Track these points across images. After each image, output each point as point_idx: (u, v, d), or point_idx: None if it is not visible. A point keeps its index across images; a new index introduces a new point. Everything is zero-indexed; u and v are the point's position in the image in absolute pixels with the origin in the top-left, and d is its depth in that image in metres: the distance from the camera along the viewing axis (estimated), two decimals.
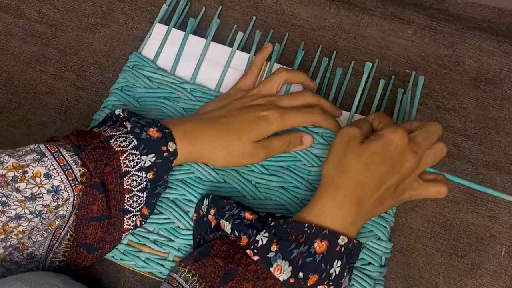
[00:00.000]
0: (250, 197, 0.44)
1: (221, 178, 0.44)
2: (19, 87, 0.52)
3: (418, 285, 0.46)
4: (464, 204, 0.49)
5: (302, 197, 0.44)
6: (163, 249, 0.42)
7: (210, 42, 0.50)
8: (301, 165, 0.45)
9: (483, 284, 0.46)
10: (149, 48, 0.49)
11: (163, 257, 0.42)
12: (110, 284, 0.45)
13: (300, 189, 0.44)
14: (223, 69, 0.48)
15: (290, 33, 0.55)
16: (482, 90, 0.53)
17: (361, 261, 0.42)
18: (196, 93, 0.47)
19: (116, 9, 0.55)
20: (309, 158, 0.45)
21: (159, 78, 0.47)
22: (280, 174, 0.44)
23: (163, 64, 0.49)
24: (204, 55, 0.49)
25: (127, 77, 0.47)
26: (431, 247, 0.47)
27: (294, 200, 0.43)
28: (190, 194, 0.43)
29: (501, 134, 0.51)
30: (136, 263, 0.42)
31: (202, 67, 0.49)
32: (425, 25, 0.55)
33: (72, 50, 0.53)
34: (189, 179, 0.44)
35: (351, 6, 0.56)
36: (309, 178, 0.44)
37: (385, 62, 0.54)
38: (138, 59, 0.48)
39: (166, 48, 0.49)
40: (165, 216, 0.43)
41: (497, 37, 0.55)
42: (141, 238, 0.42)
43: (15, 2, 0.55)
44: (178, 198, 0.43)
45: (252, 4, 0.56)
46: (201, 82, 0.48)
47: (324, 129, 0.46)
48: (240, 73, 0.48)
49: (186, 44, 0.49)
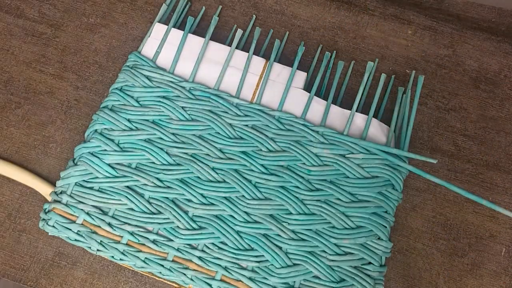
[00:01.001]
0: (249, 197, 0.43)
1: (220, 177, 0.44)
2: (19, 87, 0.52)
3: (418, 285, 0.46)
4: (464, 204, 0.48)
5: (302, 197, 0.43)
6: (163, 249, 0.42)
7: (209, 41, 0.49)
8: (301, 164, 0.45)
9: (483, 284, 0.46)
10: (148, 48, 0.49)
11: (162, 257, 0.42)
12: (110, 284, 0.45)
13: (300, 189, 0.44)
14: (222, 67, 0.48)
15: (290, 33, 0.55)
16: (482, 90, 0.53)
17: (361, 261, 0.42)
18: (195, 92, 0.47)
19: (116, 9, 0.55)
20: (309, 158, 0.44)
21: (158, 77, 0.47)
22: (280, 173, 0.44)
23: (162, 63, 0.48)
24: (203, 54, 0.49)
25: (126, 77, 0.47)
26: (431, 247, 0.47)
27: (294, 200, 0.43)
28: (189, 194, 0.43)
29: (501, 134, 0.51)
30: (136, 263, 0.42)
31: (201, 66, 0.48)
32: (425, 25, 0.55)
33: (72, 50, 0.53)
34: (188, 179, 0.44)
35: (351, 6, 0.56)
36: (309, 177, 0.44)
37: (385, 62, 0.54)
38: (137, 58, 0.48)
39: (165, 48, 0.49)
40: (164, 216, 0.42)
41: (497, 37, 0.55)
42: (140, 238, 0.42)
43: (15, 2, 0.55)
44: (178, 198, 0.43)
45: (252, 4, 0.56)
46: (200, 81, 0.48)
47: (324, 128, 0.45)
48: (239, 72, 0.48)
49: (185, 43, 0.49)
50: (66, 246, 0.46)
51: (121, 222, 0.42)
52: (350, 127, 0.46)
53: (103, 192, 0.43)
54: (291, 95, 0.48)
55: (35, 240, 0.46)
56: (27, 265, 0.46)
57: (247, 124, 0.46)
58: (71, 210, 0.42)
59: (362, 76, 0.53)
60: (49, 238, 0.47)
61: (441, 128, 0.51)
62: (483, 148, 0.51)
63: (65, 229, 0.42)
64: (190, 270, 0.41)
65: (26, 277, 0.45)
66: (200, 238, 0.42)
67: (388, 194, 0.44)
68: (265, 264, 0.42)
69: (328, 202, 0.43)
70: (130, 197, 0.43)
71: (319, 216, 0.43)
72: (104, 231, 0.42)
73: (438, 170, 0.50)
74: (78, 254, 0.46)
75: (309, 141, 0.45)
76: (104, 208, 0.43)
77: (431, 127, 0.51)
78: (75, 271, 0.46)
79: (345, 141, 0.45)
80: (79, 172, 0.43)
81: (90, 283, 0.45)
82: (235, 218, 0.43)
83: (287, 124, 0.46)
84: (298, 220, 0.43)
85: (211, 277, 0.41)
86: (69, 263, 0.46)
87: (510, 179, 0.49)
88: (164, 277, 0.42)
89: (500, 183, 0.49)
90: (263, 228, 0.42)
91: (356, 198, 0.43)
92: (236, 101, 0.47)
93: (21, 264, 0.46)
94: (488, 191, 0.49)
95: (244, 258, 0.42)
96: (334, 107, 0.48)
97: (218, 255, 0.42)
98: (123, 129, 0.45)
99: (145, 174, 0.44)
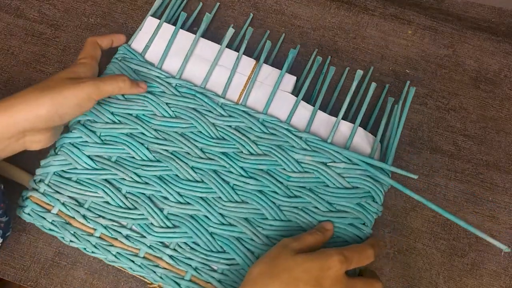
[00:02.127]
0: (226, 199, 0.43)
1: (199, 177, 0.43)
2: (19, 87, 0.51)
3: (418, 285, 0.46)
4: (464, 204, 0.48)
5: (279, 202, 0.43)
6: (135, 245, 0.42)
7: (200, 39, 0.49)
8: (281, 170, 0.44)
9: (483, 284, 0.46)
10: (138, 41, 0.49)
11: (134, 253, 0.42)
12: (110, 284, 0.45)
13: (278, 194, 0.43)
14: (211, 66, 0.48)
15: (290, 33, 0.55)
16: (482, 90, 0.53)
17: None
18: (181, 89, 0.46)
19: (116, 9, 0.55)
20: (290, 164, 0.44)
21: (145, 71, 0.47)
22: (259, 177, 0.43)
23: (151, 58, 0.48)
24: (192, 50, 0.48)
25: (113, 69, 0.47)
26: (431, 247, 0.47)
27: (271, 205, 0.43)
28: (166, 191, 0.43)
29: (501, 134, 0.51)
30: (107, 257, 0.42)
31: (190, 63, 0.48)
32: (425, 25, 0.55)
33: (72, 50, 0.53)
34: (166, 176, 0.44)
35: (351, 6, 0.56)
36: (288, 183, 0.43)
37: (385, 62, 0.53)
38: (126, 51, 0.48)
39: (155, 42, 0.49)
40: (139, 212, 0.42)
41: (497, 37, 0.54)
42: (113, 232, 0.42)
43: (15, 2, 0.55)
44: (154, 194, 0.43)
45: (252, 3, 0.56)
46: (187, 78, 0.47)
47: (308, 134, 0.45)
48: (227, 71, 0.48)
49: (176, 39, 0.49)
50: (66, 246, 0.46)
51: (96, 215, 0.42)
52: (335, 134, 0.46)
53: (81, 183, 0.43)
54: (278, 98, 0.47)
55: (35, 240, 0.46)
56: (27, 265, 0.46)
57: (231, 125, 0.45)
58: (48, 199, 0.42)
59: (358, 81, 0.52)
60: (49, 238, 0.47)
61: (441, 128, 0.51)
62: (483, 148, 0.50)
63: (40, 218, 0.42)
64: (160, 268, 0.41)
65: (26, 277, 0.46)
66: (173, 236, 0.42)
67: (367, 206, 0.43)
68: (235, 267, 0.41)
69: (305, 210, 0.43)
70: (107, 190, 0.43)
71: (294, 223, 0.42)
72: (78, 222, 0.42)
73: (438, 170, 0.49)
74: (78, 254, 0.46)
75: (292, 146, 0.44)
76: (81, 199, 0.43)
77: (431, 127, 0.51)
78: (75, 271, 0.46)
79: (327, 149, 0.44)
80: (59, 162, 0.43)
81: (90, 283, 0.45)
82: (210, 219, 0.42)
83: (271, 128, 0.45)
84: (273, 225, 0.42)
85: (180, 277, 0.41)
86: (69, 263, 0.46)
87: (510, 179, 0.49)
88: (134, 273, 0.42)
89: (500, 183, 0.49)
90: (236, 231, 0.42)
91: (334, 208, 0.43)
92: (222, 101, 0.46)
93: (21, 264, 0.46)
94: (488, 191, 0.49)
95: (215, 260, 0.41)
96: (321, 114, 0.47)
97: (189, 255, 0.41)
98: (106, 121, 0.45)
99: (124, 169, 0.43)
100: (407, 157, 0.50)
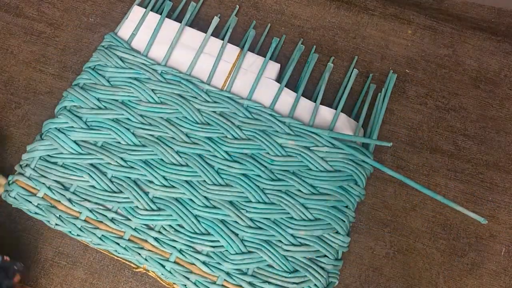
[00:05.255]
0: (210, 182, 0.43)
1: (183, 161, 0.44)
2: (19, 87, 0.52)
3: (418, 285, 0.46)
4: (464, 204, 0.49)
5: (263, 186, 0.43)
6: (120, 228, 0.42)
7: (185, 27, 0.50)
8: (265, 154, 0.45)
9: (483, 284, 0.46)
10: (125, 30, 0.49)
11: (119, 236, 0.42)
12: (110, 284, 0.45)
13: (261, 178, 0.44)
14: (196, 53, 0.48)
15: (290, 33, 0.55)
16: (482, 90, 0.53)
17: (316, 253, 0.42)
18: (166, 75, 0.47)
19: (116, 9, 0.55)
20: (274, 148, 0.45)
21: (131, 58, 0.47)
22: (243, 161, 0.44)
23: (137, 46, 0.49)
24: (178, 38, 0.49)
25: (100, 56, 0.47)
26: (431, 247, 0.47)
27: (255, 189, 0.43)
28: (151, 175, 0.43)
29: (501, 134, 0.51)
30: (92, 240, 0.42)
31: (176, 51, 0.49)
32: (425, 25, 0.55)
33: (72, 49, 0.53)
34: (152, 160, 0.44)
35: (351, 6, 0.56)
36: (271, 167, 0.44)
37: (385, 62, 0.54)
38: (112, 39, 0.48)
39: (141, 31, 0.49)
40: (124, 195, 0.43)
41: (497, 37, 0.55)
42: (99, 215, 0.42)
43: (14, 1, 0.55)
44: (140, 178, 0.44)
45: (252, 3, 0.56)
46: (173, 65, 0.48)
47: (291, 119, 0.45)
48: (212, 58, 0.48)
49: (162, 27, 0.49)
50: (66, 245, 0.46)
51: (81, 198, 0.43)
52: (317, 120, 0.46)
53: (67, 168, 0.43)
54: (262, 85, 0.48)
55: (35, 240, 0.46)
56: (27, 265, 0.46)
57: (215, 111, 0.46)
58: (33, 183, 0.43)
59: (347, 72, 0.53)
60: (49, 238, 0.47)
61: (441, 128, 0.51)
62: (483, 148, 0.51)
63: (26, 202, 0.42)
64: (145, 250, 0.42)
65: (26, 277, 0.45)
66: (158, 219, 0.42)
67: (349, 189, 0.44)
68: (220, 249, 0.42)
69: (289, 193, 0.43)
70: (92, 174, 0.43)
71: (278, 206, 0.43)
72: (63, 206, 0.42)
73: (438, 170, 0.50)
74: (78, 254, 0.46)
75: (275, 131, 0.45)
76: (66, 183, 0.43)
77: (431, 127, 0.51)
78: (75, 271, 0.46)
79: (310, 133, 0.45)
80: (45, 146, 0.44)
81: (90, 283, 0.45)
82: (194, 202, 0.43)
83: (255, 113, 0.46)
84: (257, 208, 0.43)
85: (165, 259, 0.41)
86: (69, 263, 0.46)
87: (510, 179, 0.49)
88: (119, 255, 0.42)
89: (500, 183, 0.49)
90: (221, 214, 0.43)
91: (316, 191, 0.43)
92: (207, 87, 0.47)
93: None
94: (488, 191, 0.49)
95: (200, 242, 0.42)
96: (305, 100, 0.48)
97: (174, 237, 0.42)
98: (92, 107, 0.45)
99: (110, 153, 0.44)
100: (407, 157, 0.50)
